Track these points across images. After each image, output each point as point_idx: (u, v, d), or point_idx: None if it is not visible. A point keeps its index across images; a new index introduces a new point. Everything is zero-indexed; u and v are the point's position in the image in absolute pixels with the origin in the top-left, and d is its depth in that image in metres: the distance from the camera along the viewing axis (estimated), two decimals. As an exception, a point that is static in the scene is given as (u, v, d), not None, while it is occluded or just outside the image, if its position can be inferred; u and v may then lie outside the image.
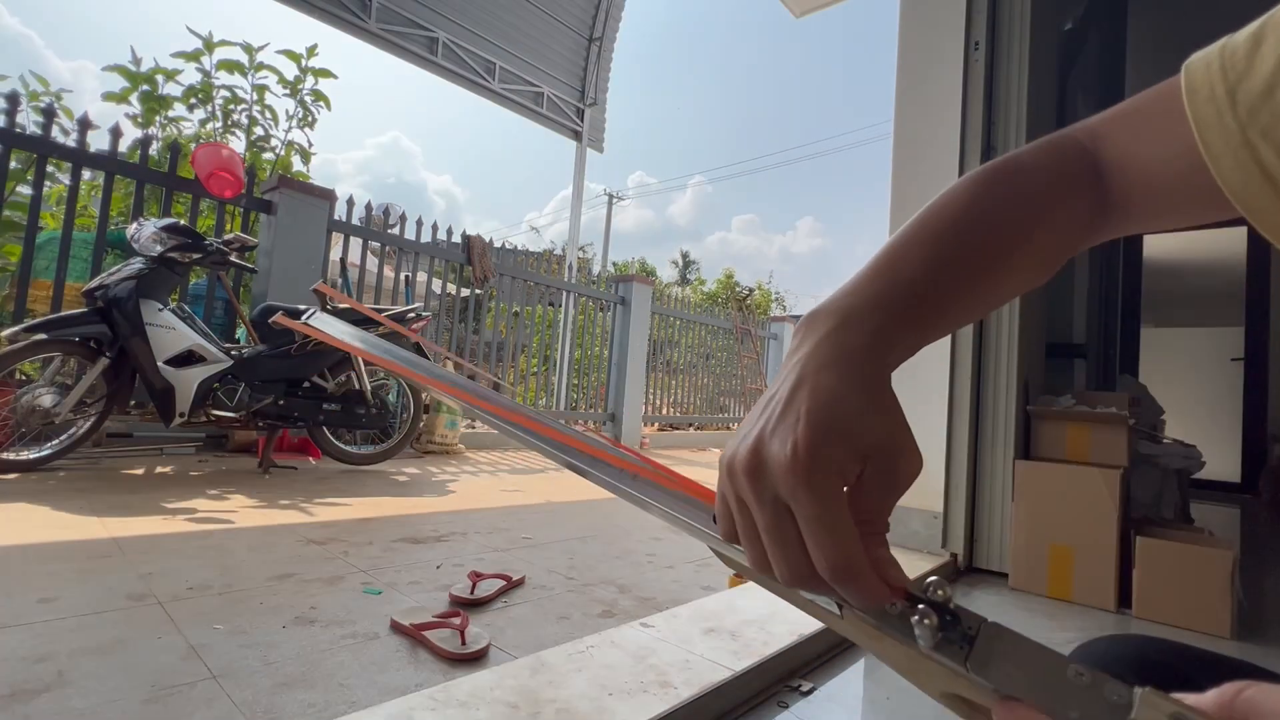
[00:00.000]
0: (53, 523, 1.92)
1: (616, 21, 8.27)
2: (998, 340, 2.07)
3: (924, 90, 2.21)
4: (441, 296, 5.11)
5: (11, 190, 3.44)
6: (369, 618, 1.37)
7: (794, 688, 1.14)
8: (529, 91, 7.75)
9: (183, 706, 0.97)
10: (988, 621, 0.26)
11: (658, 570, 1.96)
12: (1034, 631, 1.45)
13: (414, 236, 4.72)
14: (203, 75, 4.48)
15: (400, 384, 3.69)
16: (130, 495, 2.37)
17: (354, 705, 1.01)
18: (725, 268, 40.13)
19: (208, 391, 2.93)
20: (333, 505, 2.49)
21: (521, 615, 1.49)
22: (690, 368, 7.58)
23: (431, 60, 6.73)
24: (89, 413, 2.78)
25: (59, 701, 0.95)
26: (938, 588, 0.27)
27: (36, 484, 2.43)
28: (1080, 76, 2.95)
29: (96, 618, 1.26)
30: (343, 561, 1.77)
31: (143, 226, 2.88)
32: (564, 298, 6.25)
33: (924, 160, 2.19)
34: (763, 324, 9.04)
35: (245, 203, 3.87)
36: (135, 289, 2.73)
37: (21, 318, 3.05)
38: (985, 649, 0.25)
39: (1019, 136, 2.07)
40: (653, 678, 1.02)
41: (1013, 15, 2.14)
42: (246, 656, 1.15)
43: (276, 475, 3.01)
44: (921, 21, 2.24)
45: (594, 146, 8.51)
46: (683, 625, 1.25)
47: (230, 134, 4.64)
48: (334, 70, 4.87)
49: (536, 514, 2.68)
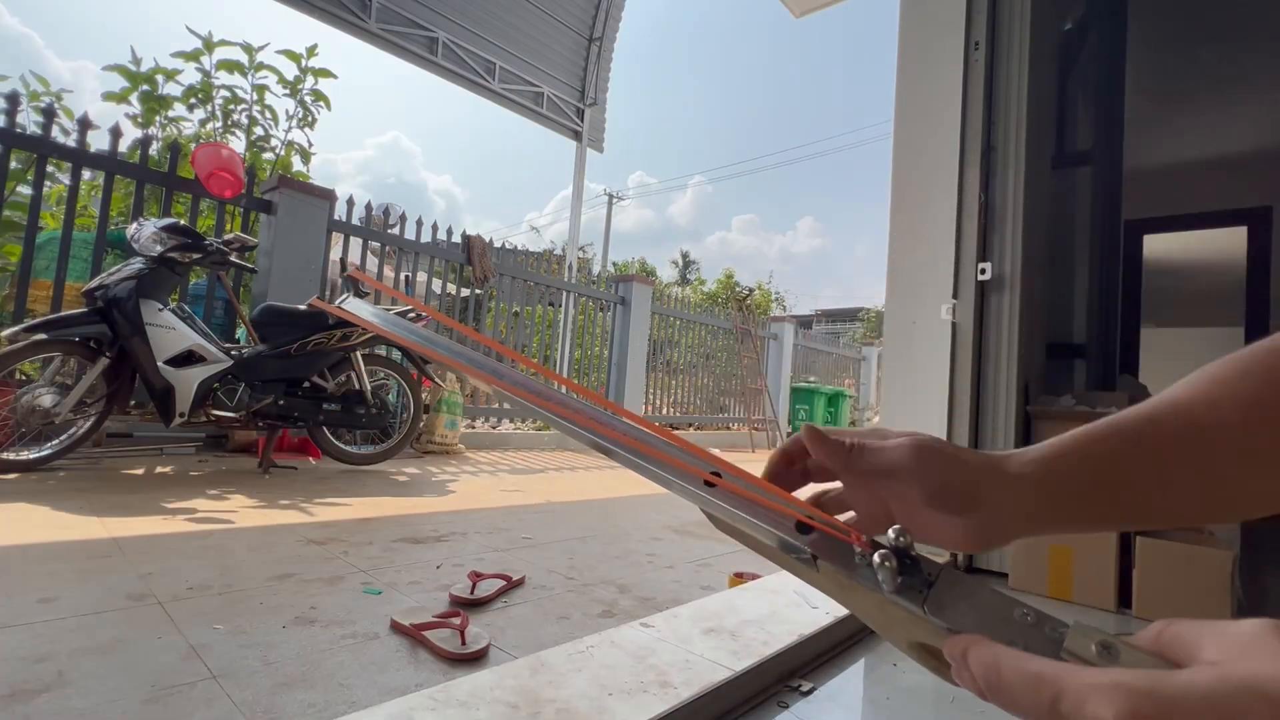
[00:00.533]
0: (53, 523, 1.92)
1: (616, 21, 8.26)
2: (998, 340, 2.07)
3: (924, 90, 2.21)
4: (441, 296, 5.11)
5: (11, 190, 3.44)
6: (369, 618, 1.37)
7: (794, 688, 1.14)
8: (529, 91, 7.75)
9: (183, 706, 0.97)
10: (948, 568, 0.28)
11: (658, 570, 1.96)
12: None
13: (414, 236, 4.72)
14: (203, 75, 4.48)
15: (400, 384, 3.69)
16: (130, 495, 2.37)
17: (354, 705, 1.01)
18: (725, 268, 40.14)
19: (208, 391, 2.93)
20: (333, 505, 2.49)
21: (521, 615, 1.49)
22: (690, 368, 7.57)
23: (431, 60, 6.72)
24: (89, 413, 2.78)
25: (59, 701, 0.95)
26: (900, 534, 0.29)
27: (36, 484, 2.43)
28: (1080, 76, 2.95)
29: (96, 618, 1.26)
30: (343, 561, 1.77)
31: (143, 226, 2.88)
32: (564, 298, 6.25)
33: (924, 160, 2.19)
34: (763, 324, 9.04)
35: (245, 203, 3.87)
36: (135, 289, 2.73)
37: (21, 318, 3.05)
38: (942, 592, 0.27)
39: (1019, 136, 2.07)
40: (653, 678, 1.02)
41: (1013, 15, 2.14)
42: (246, 656, 1.15)
43: (276, 475, 3.01)
44: (921, 21, 2.24)
45: (594, 146, 8.51)
46: (683, 625, 1.25)
47: (230, 134, 4.64)
48: (334, 70, 4.87)
49: (536, 514, 2.68)
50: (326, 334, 3.13)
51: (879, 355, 8.61)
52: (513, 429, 5.55)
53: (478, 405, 5.21)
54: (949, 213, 2.09)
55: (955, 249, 2.08)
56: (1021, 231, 2.02)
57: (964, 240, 2.07)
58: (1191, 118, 3.94)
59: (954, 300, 2.05)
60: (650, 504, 3.04)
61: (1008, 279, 2.03)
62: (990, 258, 2.05)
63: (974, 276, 2.04)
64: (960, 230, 2.08)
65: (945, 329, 2.05)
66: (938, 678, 0.29)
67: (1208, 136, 3.90)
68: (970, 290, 2.04)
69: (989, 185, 2.08)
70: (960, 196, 2.09)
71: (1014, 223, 2.04)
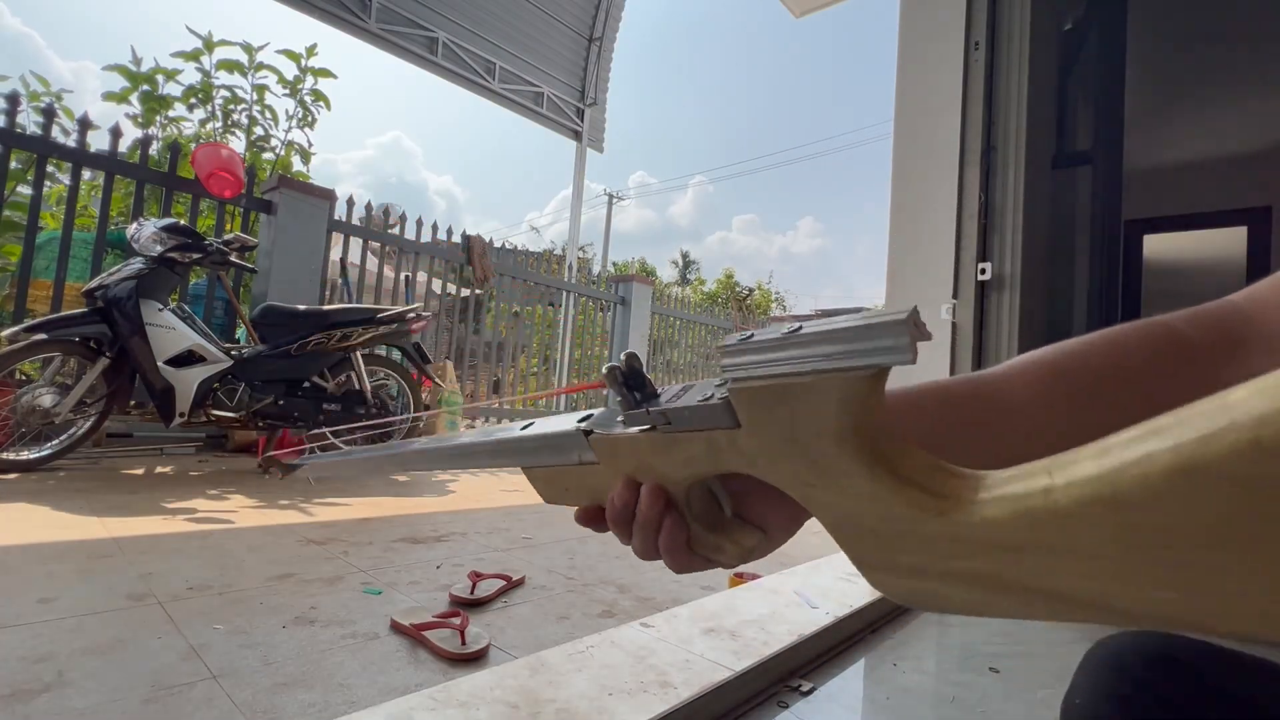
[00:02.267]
0: (52, 523, 1.91)
1: (616, 21, 8.26)
2: (998, 340, 2.07)
3: (924, 90, 2.21)
4: (441, 296, 5.11)
5: (12, 190, 3.44)
6: (369, 618, 1.37)
7: (794, 688, 1.14)
8: (529, 91, 7.75)
9: (182, 707, 0.97)
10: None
11: (657, 570, 1.96)
12: (1036, 631, 1.45)
13: (414, 236, 4.72)
14: (202, 75, 4.48)
15: (400, 384, 3.69)
16: (130, 495, 2.37)
17: (354, 705, 1.01)
18: (725, 268, 40.13)
19: (208, 391, 2.93)
20: (332, 505, 2.49)
21: (521, 615, 1.49)
22: (690, 368, 7.58)
23: (431, 60, 6.72)
24: (89, 413, 2.78)
25: (59, 701, 0.95)
26: (630, 357, 0.31)
27: (36, 484, 2.43)
28: (1080, 76, 2.95)
29: (96, 618, 1.26)
30: (343, 561, 1.77)
31: (143, 226, 2.88)
32: (564, 298, 6.25)
33: (924, 160, 2.19)
34: (763, 324, 9.04)
35: (245, 203, 3.87)
36: (135, 289, 2.73)
37: (21, 318, 3.05)
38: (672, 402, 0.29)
39: (1019, 136, 2.07)
40: (653, 678, 1.02)
41: (1013, 15, 2.14)
42: (246, 656, 1.15)
43: (275, 475, 3.01)
44: (922, 21, 2.24)
45: (594, 146, 8.51)
46: (682, 625, 1.25)
47: (230, 134, 4.64)
48: (334, 70, 4.87)
49: (536, 514, 2.68)
50: (326, 334, 3.13)
51: (879, 355, 8.56)
52: (513, 429, 5.54)
53: (477, 405, 5.21)
54: (949, 213, 2.09)
55: (955, 249, 2.08)
56: (1021, 231, 2.02)
57: (964, 240, 2.07)
58: (1191, 117, 3.94)
59: (954, 300, 2.05)
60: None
61: (1008, 279, 2.03)
62: (990, 258, 2.05)
63: (974, 276, 2.04)
64: (960, 230, 2.08)
65: (945, 329, 2.05)
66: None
67: (1208, 136, 3.90)
68: (970, 290, 2.04)
69: (989, 185, 2.08)
70: (960, 196, 2.09)
71: (1014, 223, 2.04)
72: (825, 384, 0.21)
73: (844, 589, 1.49)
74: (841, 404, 0.22)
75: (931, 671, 1.25)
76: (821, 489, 0.23)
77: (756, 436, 0.25)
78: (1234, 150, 3.85)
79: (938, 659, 1.32)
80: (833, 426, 0.22)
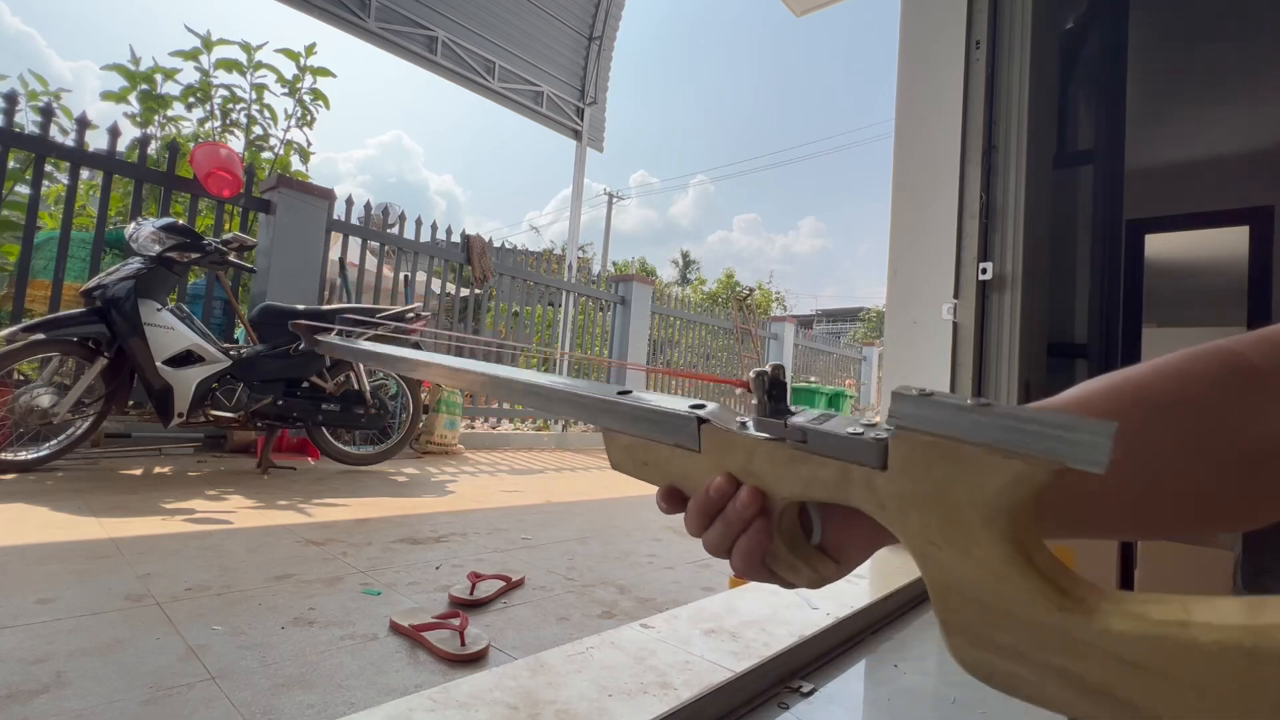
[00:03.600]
0: (51, 523, 1.91)
1: (616, 21, 8.26)
2: (999, 340, 2.07)
3: (925, 89, 2.21)
4: (441, 296, 5.10)
5: (10, 190, 3.44)
6: (368, 619, 1.37)
7: (794, 689, 1.14)
8: (529, 91, 7.74)
9: (181, 707, 0.96)
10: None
11: (658, 571, 1.96)
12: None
13: (413, 236, 4.71)
14: (201, 74, 4.47)
15: (400, 384, 3.69)
16: (128, 496, 2.37)
17: (353, 706, 1.00)
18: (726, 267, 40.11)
19: (206, 391, 2.93)
20: (331, 506, 2.49)
21: (521, 616, 1.48)
22: (690, 368, 7.57)
23: (431, 59, 6.72)
24: (87, 413, 2.77)
25: (57, 702, 0.95)
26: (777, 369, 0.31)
27: (34, 484, 2.42)
28: (1081, 75, 2.95)
29: (95, 618, 1.26)
30: (341, 562, 1.76)
31: (141, 226, 2.88)
32: (564, 297, 6.24)
33: (925, 159, 2.18)
34: (763, 324, 9.03)
35: (244, 202, 3.86)
36: (133, 289, 2.72)
37: (20, 317, 3.05)
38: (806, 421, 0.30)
39: (1020, 135, 2.06)
40: (653, 679, 1.01)
41: (1014, 14, 2.13)
42: (245, 657, 1.14)
43: (275, 475, 3.01)
44: (922, 21, 2.24)
45: (594, 146, 8.51)
46: (683, 626, 1.25)
47: (229, 133, 4.64)
48: (334, 69, 4.86)
49: (536, 514, 2.68)
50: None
51: (879, 355, 8.60)
52: (512, 429, 5.54)
53: (477, 405, 5.20)
54: (950, 212, 2.09)
55: (956, 248, 2.07)
56: (1023, 231, 2.02)
57: (965, 240, 2.07)
58: (1194, 116, 3.93)
59: (955, 300, 2.05)
60: (650, 504, 3.04)
61: (1009, 278, 2.02)
62: (991, 257, 2.04)
63: (975, 276, 2.04)
64: (961, 230, 2.07)
65: (946, 329, 2.04)
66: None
67: (1210, 135, 3.90)
68: (971, 290, 2.04)
69: (990, 184, 2.08)
70: (961, 196, 2.08)
71: (1015, 222, 2.03)
72: (1003, 461, 0.22)
73: (844, 590, 1.48)
74: (1011, 484, 0.22)
75: (933, 673, 1.24)
76: (946, 551, 0.24)
77: (900, 484, 0.25)
78: (1236, 149, 3.85)
79: (939, 660, 1.31)
80: (990, 500, 0.22)
